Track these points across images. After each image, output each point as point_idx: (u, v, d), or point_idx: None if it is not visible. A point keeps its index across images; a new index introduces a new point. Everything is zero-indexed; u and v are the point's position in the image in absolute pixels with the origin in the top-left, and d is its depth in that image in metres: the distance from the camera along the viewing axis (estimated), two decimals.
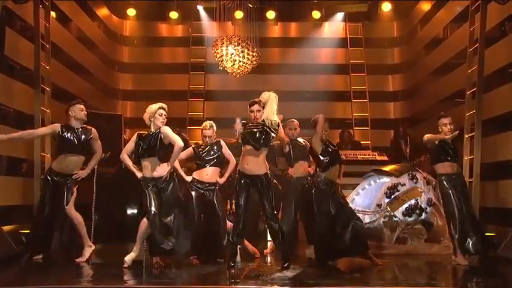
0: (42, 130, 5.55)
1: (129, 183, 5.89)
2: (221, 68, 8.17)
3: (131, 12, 10.24)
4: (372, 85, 10.32)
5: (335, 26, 10.63)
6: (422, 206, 6.24)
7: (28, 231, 5.58)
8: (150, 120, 5.02)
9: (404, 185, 6.41)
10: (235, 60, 7.80)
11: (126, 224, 5.85)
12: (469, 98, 6.64)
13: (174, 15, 10.22)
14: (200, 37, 10.38)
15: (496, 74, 6.60)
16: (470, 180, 6.28)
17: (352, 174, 7.55)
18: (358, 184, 6.96)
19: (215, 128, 5.50)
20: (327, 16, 10.41)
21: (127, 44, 10.71)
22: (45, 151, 6.53)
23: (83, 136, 5.28)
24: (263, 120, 4.88)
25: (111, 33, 10.32)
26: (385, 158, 8.31)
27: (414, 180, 6.44)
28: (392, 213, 6.22)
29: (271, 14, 10.18)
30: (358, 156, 8.42)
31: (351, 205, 6.47)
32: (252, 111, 4.89)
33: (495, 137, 6.59)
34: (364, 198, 6.79)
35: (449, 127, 5.30)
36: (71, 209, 5.22)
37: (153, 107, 5.05)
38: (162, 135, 4.93)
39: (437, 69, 8.83)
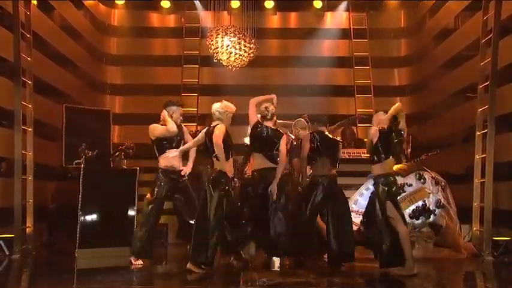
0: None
1: (118, 182, 6.00)
2: (216, 61, 8.10)
3: (120, 0, 10.14)
4: (377, 79, 10.23)
5: (338, 16, 10.53)
6: (431, 208, 6.20)
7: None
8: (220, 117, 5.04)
9: (411, 185, 6.38)
10: (231, 53, 7.73)
11: (115, 226, 5.80)
12: (482, 93, 6.57)
13: (166, 4, 10.13)
14: (194, 28, 10.27)
15: (511, 67, 6.53)
16: (483, 180, 6.22)
17: (356, 173, 7.51)
18: (362, 184, 6.90)
19: None
20: (329, 6, 10.33)
21: (115, 34, 10.59)
22: (27, 149, 6.44)
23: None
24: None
25: (98, 23, 10.20)
26: None
27: (422, 180, 6.41)
28: None
29: (269, 4, 10.10)
30: (362, 155, 8.31)
31: (353, 206, 6.49)
32: None
33: (509, 134, 6.55)
34: (368, 199, 6.70)
35: None
36: None
37: (229, 106, 5.09)
38: None
39: (448, 62, 8.75)
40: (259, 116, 5.38)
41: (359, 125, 10.03)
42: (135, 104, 10.19)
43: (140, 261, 5.35)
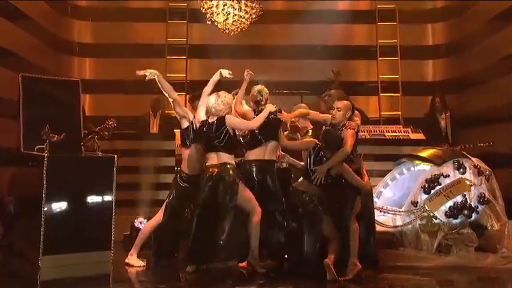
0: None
1: (91, 173, 5.87)
2: (209, 23, 7.85)
3: None
4: (405, 37, 10.10)
5: None
6: (472, 204, 6.08)
7: None
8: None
9: (448, 176, 6.23)
10: (229, 14, 7.46)
11: (86, 227, 5.73)
12: None
13: None
14: None
15: None
16: None
17: (379, 157, 7.45)
18: (387, 171, 6.85)
19: None
20: None
21: None
22: None
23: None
24: None
25: None
26: (421, 136, 8.24)
27: (461, 170, 6.27)
28: (432, 214, 6.07)
29: None
30: (386, 134, 8.26)
31: (376, 200, 6.44)
32: None
33: None
34: (394, 191, 6.69)
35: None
36: None
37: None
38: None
39: (498, 16, 8.40)
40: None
41: (382, 94, 9.96)
42: (109, 67, 10.05)
43: (142, 263, 5.66)
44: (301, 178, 5.44)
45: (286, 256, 5.59)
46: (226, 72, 5.46)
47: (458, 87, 9.31)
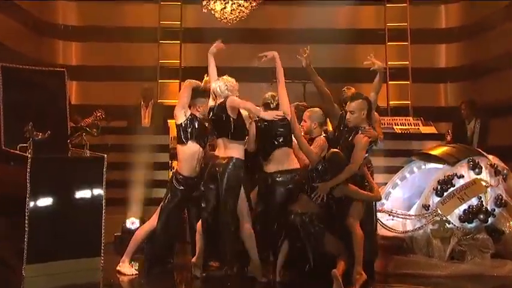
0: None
1: (79, 174, 5.81)
2: (206, 11, 7.76)
3: None
4: (416, 20, 10.04)
5: None
6: (488, 208, 6.03)
7: None
8: None
9: (463, 176, 6.17)
10: (227, 2, 7.35)
11: (73, 232, 5.66)
12: None
13: None
14: None
15: None
16: None
17: (387, 152, 7.38)
18: (396, 168, 6.86)
19: None
20: None
21: None
22: None
23: None
24: None
25: None
26: (432, 129, 8.20)
27: (477, 170, 6.21)
28: (444, 218, 6.03)
29: None
30: (395, 127, 8.16)
31: (385, 202, 6.38)
32: None
33: None
34: (404, 190, 6.66)
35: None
36: None
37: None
38: None
39: None
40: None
41: (390, 81, 9.87)
42: (97, 52, 10.00)
43: (134, 271, 5.61)
44: (300, 193, 5.37)
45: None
46: (213, 47, 5.59)
47: (474, 74, 9.26)
